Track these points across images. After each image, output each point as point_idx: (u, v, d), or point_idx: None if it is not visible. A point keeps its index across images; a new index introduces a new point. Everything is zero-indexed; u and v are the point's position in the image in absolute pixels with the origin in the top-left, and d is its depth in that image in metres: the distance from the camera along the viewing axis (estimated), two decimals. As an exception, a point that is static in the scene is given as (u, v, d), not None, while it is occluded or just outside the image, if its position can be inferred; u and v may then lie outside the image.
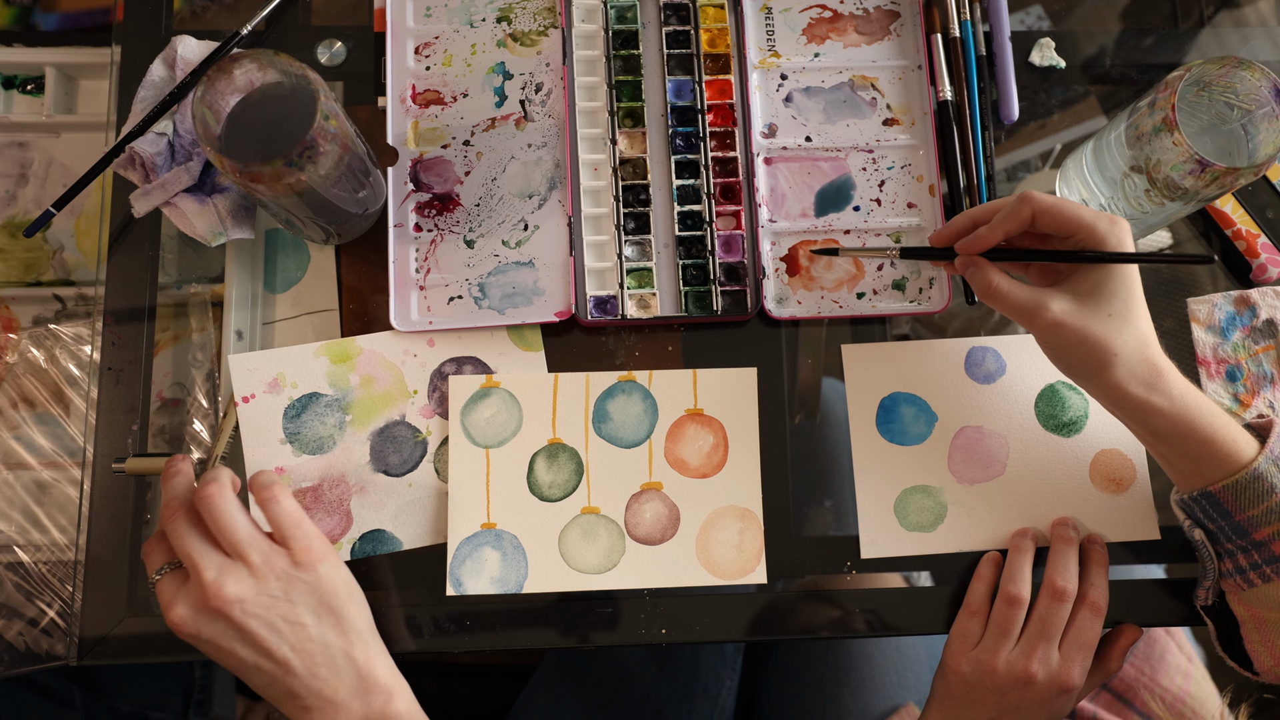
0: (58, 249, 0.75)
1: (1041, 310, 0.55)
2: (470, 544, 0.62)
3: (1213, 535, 0.58)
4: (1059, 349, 0.56)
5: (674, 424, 0.64)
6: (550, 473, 0.64)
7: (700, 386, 0.65)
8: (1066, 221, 0.54)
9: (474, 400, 0.64)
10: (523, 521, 0.63)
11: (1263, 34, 0.74)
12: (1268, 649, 0.57)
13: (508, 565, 0.62)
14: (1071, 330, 0.54)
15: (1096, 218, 0.54)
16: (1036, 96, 0.72)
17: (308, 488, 0.63)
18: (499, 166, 0.67)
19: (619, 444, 0.64)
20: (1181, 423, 0.55)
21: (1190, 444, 0.55)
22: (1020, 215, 0.55)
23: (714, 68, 0.69)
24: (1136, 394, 0.55)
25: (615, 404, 0.65)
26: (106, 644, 0.61)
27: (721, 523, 0.63)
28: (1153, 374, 0.55)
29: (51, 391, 0.73)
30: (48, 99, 0.75)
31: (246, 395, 0.63)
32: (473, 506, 0.63)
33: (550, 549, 0.62)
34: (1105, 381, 0.55)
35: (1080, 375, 0.57)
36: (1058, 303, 0.55)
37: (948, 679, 0.61)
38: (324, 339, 0.65)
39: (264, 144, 0.56)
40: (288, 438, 0.63)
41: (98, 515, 0.63)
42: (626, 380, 0.65)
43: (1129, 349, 0.54)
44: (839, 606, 0.63)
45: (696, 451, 0.64)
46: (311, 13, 0.70)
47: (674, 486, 0.64)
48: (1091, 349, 0.54)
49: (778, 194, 0.68)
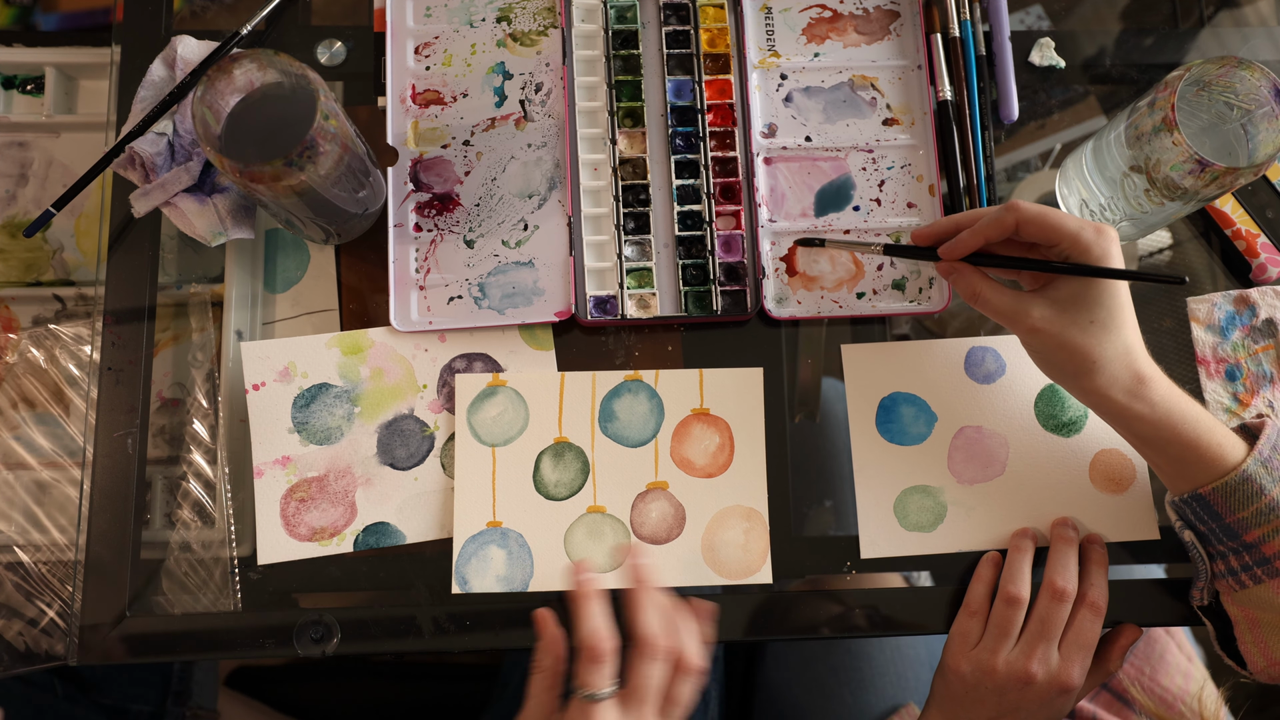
0: (58, 249, 0.75)
1: (1022, 316, 0.56)
2: (476, 542, 0.62)
3: (1204, 537, 0.58)
4: (1041, 353, 0.57)
5: (680, 423, 0.65)
6: (556, 471, 0.64)
7: (706, 386, 0.65)
8: (1050, 231, 0.55)
9: (480, 398, 0.64)
10: (528, 520, 0.63)
11: (1263, 34, 0.74)
12: (1260, 649, 0.57)
13: (513, 564, 0.62)
14: (1051, 336, 0.55)
15: (1081, 227, 0.54)
16: (1036, 96, 0.72)
17: (313, 478, 0.63)
18: (499, 166, 0.67)
19: (625, 443, 0.64)
20: (1165, 428, 0.55)
21: (1174, 448, 0.55)
22: (1004, 223, 0.56)
23: (714, 68, 0.69)
24: (1119, 400, 0.55)
25: (621, 403, 0.65)
26: (106, 644, 0.61)
27: (727, 523, 0.63)
28: (1135, 381, 0.55)
29: (51, 391, 0.73)
30: (48, 99, 0.75)
31: (257, 383, 0.64)
32: (479, 505, 0.63)
33: (556, 548, 0.62)
34: (1088, 387, 0.56)
35: (1063, 379, 0.57)
36: (1038, 309, 0.55)
37: (947, 679, 0.61)
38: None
39: (264, 144, 0.56)
40: (296, 427, 0.63)
41: (98, 515, 0.63)
42: (633, 379, 0.65)
43: (1110, 356, 0.54)
44: (839, 606, 0.63)
45: (702, 451, 0.64)
46: (311, 13, 0.70)
47: (680, 486, 0.64)
48: (1070, 355, 0.55)
49: (777, 194, 0.68)
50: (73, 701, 0.78)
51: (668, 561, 0.63)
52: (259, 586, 0.62)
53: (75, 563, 0.62)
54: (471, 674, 0.99)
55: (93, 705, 0.79)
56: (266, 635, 0.61)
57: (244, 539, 0.63)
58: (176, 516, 0.64)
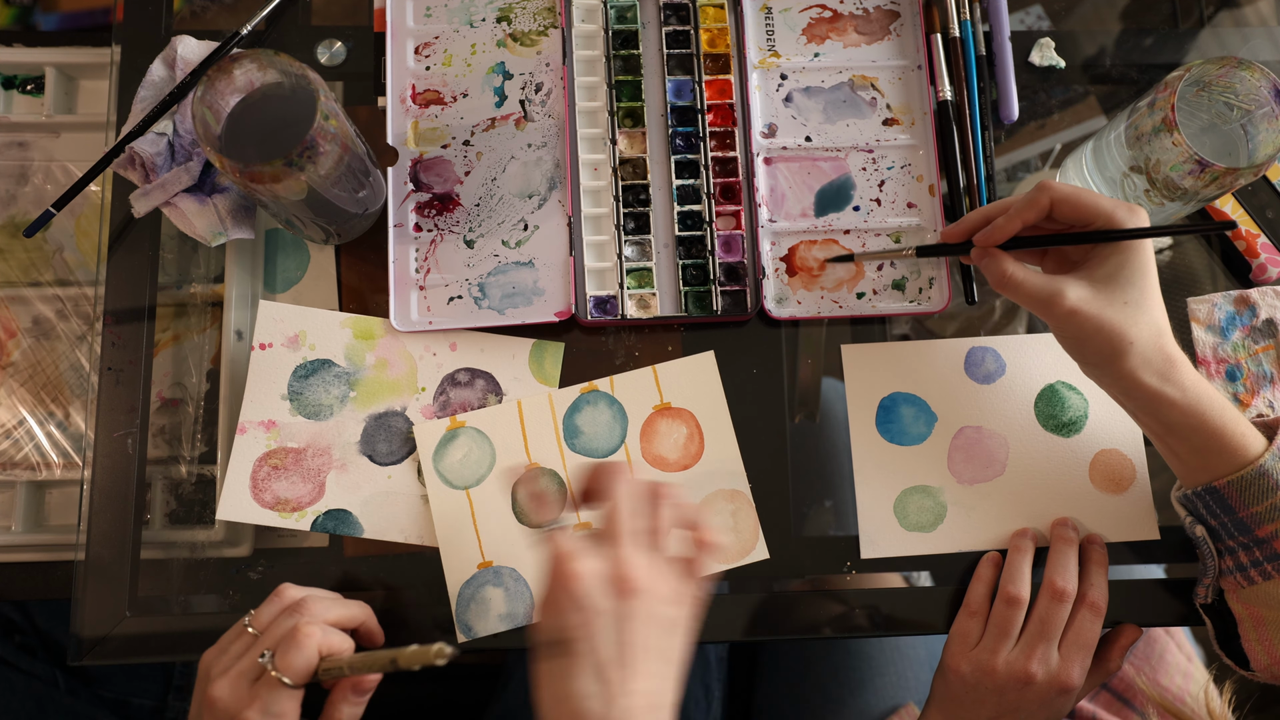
0: (58, 249, 0.75)
1: (1058, 298, 0.54)
2: (471, 586, 0.62)
3: (1214, 532, 0.58)
4: (1075, 338, 0.56)
5: (645, 423, 0.64)
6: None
7: (662, 381, 0.65)
8: (1085, 209, 0.54)
9: (443, 444, 0.63)
10: (518, 552, 0.62)
11: (1263, 34, 0.74)
12: (1264, 647, 0.57)
13: (512, 599, 0.62)
14: (1088, 318, 0.54)
15: (1115, 205, 0.54)
16: (1036, 96, 0.72)
17: (292, 448, 0.63)
18: (499, 166, 0.67)
19: (595, 455, 0.64)
20: (1193, 414, 0.54)
21: (1199, 436, 0.55)
22: (1039, 204, 0.55)
23: (714, 68, 0.69)
24: (1150, 384, 0.54)
25: (583, 417, 0.64)
26: (106, 644, 0.61)
27: (713, 509, 0.63)
28: (1166, 364, 0.54)
29: (51, 391, 0.73)
30: (48, 99, 0.75)
31: (265, 343, 0.64)
32: (465, 549, 0.62)
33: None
34: (1119, 371, 0.54)
35: (1094, 364, 0.56)
36: (1074, 290, 0.54)
37: (947, 679, 0.61)
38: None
39: (264, 144, 0.56)
40: (290, 395, 0.64)
41: (98, 515, 0.63)
42: (589, 391, 0.65)
43: (1144, 338, 0.54)
44: (839, 606, 0.63)
45: (673, 445, 0.64)
46: (311, 13, 0.70)
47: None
48: (1107, 337, 0.54)
49: (777, 194, 0.68)
50: (74, 694, 0.78)
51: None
52: (259, 586, 0.62)
53: (75, 563, 0.62)
54: (472, 673, 0.99)
55: (94, 698, 0.80)
56: (266, 635, 0.61)
57: (243, 539, 0.63)
58: (176, 516, 0.64)
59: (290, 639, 0.52)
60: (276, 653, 0.52)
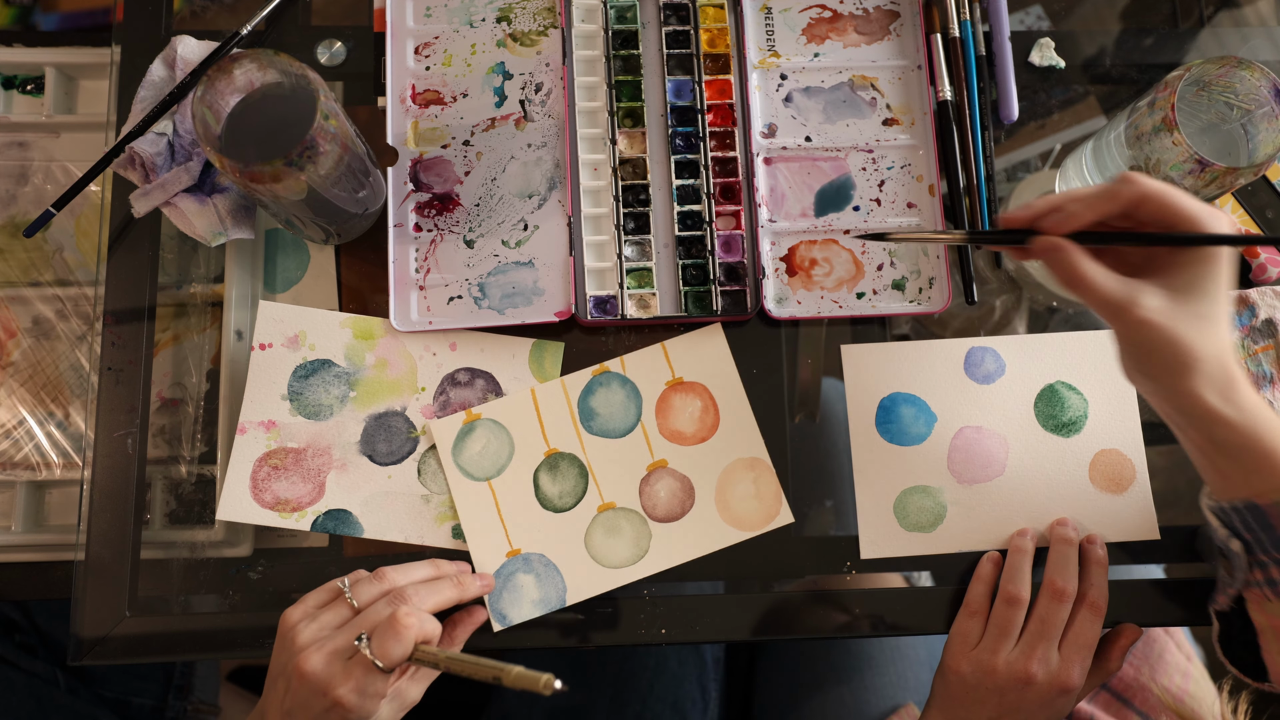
0: (58, 249, 0.75)
1: (1133, 306, 0.49)
2: (501, 575, 0.62)
3: (1247, 545, 0.56)
4: (1141, 349, 0.51)
5: (659, 400, 0.65)
6: (556, 484, 0.64)
7: (672, 356, 0.65)
8: (1173, 212, 0.49)
9: (461, 437, 0.64)
10: (545, 538, 0.63)
11: (1263, 34, 0.74)
12: None
13: (544, 584, 0.62)
14: (1161, 330, 0.49)
15: (1209, 211, 0.49)
16: (1036, 96, 0.72)
17: (292, 449, 0.63)
18: (499, 166, 0.67)
19: (613, 435, 0.64)
20: (1247, 434, 0.51)
21: (1250, 456, 0.52)
22: (1121, 196, 0.50)
23: (714, 68, 0.69)
24: (1209, 402, 0.50)
25: (597, 399, 0.65)
26: (106, 644, 0.61)
27: (734, 478, 0.64)
28: (1228, 383, 0.50)
29: (51, 391, 0.73)
30: (48, 99, 0.75)
31: (264, 343, 0.64)
32: (493, 540, 0.63)
33: (580, 555, 0.63)
34: (1180, 388, 0.50)
35: (1151, 376, 0.52)
36: (1151, 298, 0.49)
37: (947, 679, 0.61)
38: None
39: (264, 144, 0.56)
40: (290, 395, 0.64)
41: (98, 515, 0.63)
42: (601, 373, 0.65)
43: (1211, 355, 0.50)
44: (839, 606, 0.63)
45: (689, 419, 0.65)
46: (311, 13, 0.70)
47: (678, 459, 0.64)
48: (1175, 352, 0.49)
49: (777, 194, 0.68)
50: (74, 694, 0.78)
51: (690, 533, 0.63)
52: (258, 586, 0.62)
53: (75, 562, 0.62)
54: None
55: (95, 698, 0.80)
56: (266, 635, 0.61)
57: (243, 539, 0.63)
58: (176, 516, 0.64)
59: (390, 628, 0.52)
60: (374, 638, 0.52)
